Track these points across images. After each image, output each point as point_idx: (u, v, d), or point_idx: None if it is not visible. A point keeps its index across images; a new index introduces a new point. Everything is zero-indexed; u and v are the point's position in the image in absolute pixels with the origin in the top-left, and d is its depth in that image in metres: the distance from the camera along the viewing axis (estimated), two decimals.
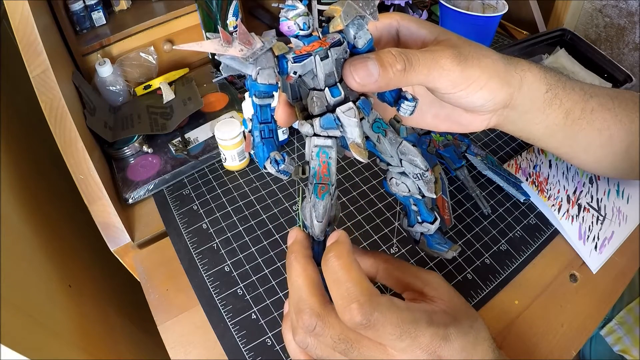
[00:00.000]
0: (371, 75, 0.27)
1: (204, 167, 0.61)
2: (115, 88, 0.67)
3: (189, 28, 0.75)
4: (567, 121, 0.37)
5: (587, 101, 0.38)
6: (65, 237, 0.64)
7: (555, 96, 0.36)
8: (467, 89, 0.31)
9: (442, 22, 0.73)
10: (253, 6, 0.89)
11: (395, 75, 0.28)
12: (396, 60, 0.28)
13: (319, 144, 0.29)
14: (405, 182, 0.31)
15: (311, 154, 0.29)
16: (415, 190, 0.31)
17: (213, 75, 0.75)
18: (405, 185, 0.31)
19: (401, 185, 0.31)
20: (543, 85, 0.36)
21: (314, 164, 0.29)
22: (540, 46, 0.78)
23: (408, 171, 0.31)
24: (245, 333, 0.44)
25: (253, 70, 0.28)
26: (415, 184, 0.31)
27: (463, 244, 0.51)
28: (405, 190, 0.32)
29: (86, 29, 0.69)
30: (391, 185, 0.32)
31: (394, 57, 0.28)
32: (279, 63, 0.28)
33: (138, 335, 0.73)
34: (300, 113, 0.30)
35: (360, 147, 0.28)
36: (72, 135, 0.51)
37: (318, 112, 0.29)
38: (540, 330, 0.45)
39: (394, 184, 0.32)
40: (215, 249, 0.51)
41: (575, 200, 0.54)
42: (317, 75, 0.28)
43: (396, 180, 0.32)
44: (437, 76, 0.30)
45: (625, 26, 0.83)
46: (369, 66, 0.27)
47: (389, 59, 0.28)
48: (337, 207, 0.32)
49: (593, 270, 0.49)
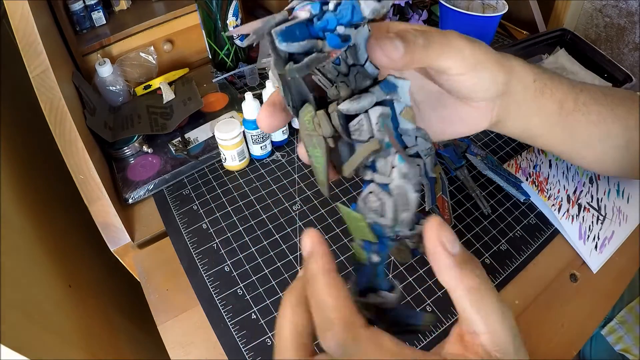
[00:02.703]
0: (397, 49, 0.27)
1: (204, 167, 0.61)
2: (115, 88, 0.67)
3: (189, 28, 0.75)
4: (562, 112, 0.38)
5: (577, 93, 0.39)
6: (65, 237, 0.64)
7: (544, 85, 0.37)
8: (474, 69, 0.31)
9: (442, 22, 0.73)
10: (253, 6, 0.89)
11: (418, 50, 0.28)
12: (417, 36, 0.28)
13: (381, 113, 0.26)
14: (383, 198, 0.25)
15: (377, 127, 0.26)
16: (390, 215, 0.25)
17: (213, 75, 0.75)
18: (382, 203, 0.25)
19: (377, 203, 0.26)
20: (530, 74, 0.36)
21: (382, 136, 0.26)
22: (540, 46, 0.78)
23: (421, 148, 0.27)
24: (245, 333, 0.44)
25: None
26: (392, 206, 0.25)
27: (463, 243, 0.51)
28: (377, 212, 0.25)
29: (86, 29, 0.69)
30: (366, 202, 0.26)
31: (414, 33, 0.28)
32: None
33: (138, 335, 0.73)
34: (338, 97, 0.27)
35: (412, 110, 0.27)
36: (72, 135, 0.51)
37: (366, 85, 0.27)
38: (540, 330, 0.45)
39: (371, 200, 0.26)
40: (215, 249, 0.51)
41: (575, 200, 0.54)
42: (360, 46, 0.27)
43: (374, 197, 0.26)
44: (451, 54, 0.30)
45: (625, 26, 0.83)
46: (395, 41, 0.27)
47: (410, 35, 0.28)
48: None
49: (593, 270, 0.49)
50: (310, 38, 0.24)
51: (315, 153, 0.28)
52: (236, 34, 0.27)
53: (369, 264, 0.27)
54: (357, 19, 0.24)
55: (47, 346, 0.44)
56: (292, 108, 0.28)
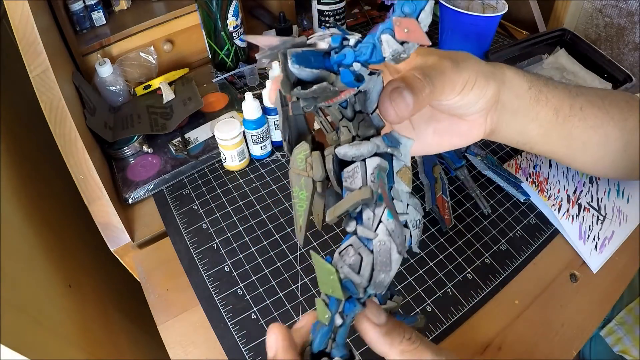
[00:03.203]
0: (408, 107, 0.27)
1: (204, 167, 0.61)
2: (115, 88, 0.67)
3: (189, 28, 0.75)
4: (558, 118, 0.37)
5: (574, 98, 0.39)
6: (65, 237, 0.64)
7: (539, 92, 0.37)
8: (462, 91, 0.31)
9: (442, 22, 0.73)
10: (253, 6, 0.89)
11: (425, 100, 0.28)
12: (424, 85, 0.28)
13: (378, 164, 0.25)
14: (362, 254, 0.24)
15: (371, 177, 0.25)
16: (366, 273, 0.23)
17: (213, 75, 0.75)
18: (360, 259, 0.24)
19: (354, 258, 0.24)
20: (524, 82, 0.36)
21: (376, 187, 0.24)
22: (540, 46, 0.78)
23: (411, 218, 0.26)
24: (245, 333, 0.44)
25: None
26: (368, 265, 0.23)
27: (463, 243, 0.51)
28: (353, 267, 0.23)
29: (86, 29, 0.69)
30: (343, 256, 0.24)
31: (422, 82, 0.28)
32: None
33: (138, 335, 0.73)
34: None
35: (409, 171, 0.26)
36: (72, 135, 0.51)
37: (369, 134, 0.26)
38: (540, 330, 0.45)
39: (349, 253, 0.24)
40: (215, 249, 0.51)
41: (575, 200, 0.54)
42: (372, 95, 0.26)
43: (353, 251, 0.24)
44: (448, 89, 0.30)
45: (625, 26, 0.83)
46: (406, 97, 0.27)
47: (418, 84, 0.28)
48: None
49: (593, 270, 0.49)
50: (324, 68, 0.24)
51: (300, 195, 0.27)
52: (248, 41, 0.27)
53: (329, 325, 0.24)
54: (375, 59, 0.23)
55: (47, 346, 0.44)
56: (288, 144, 0.27)
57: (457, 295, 0.47)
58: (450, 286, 0.47)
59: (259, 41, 0.25)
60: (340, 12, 0.81)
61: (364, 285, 0.23)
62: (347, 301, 0.24)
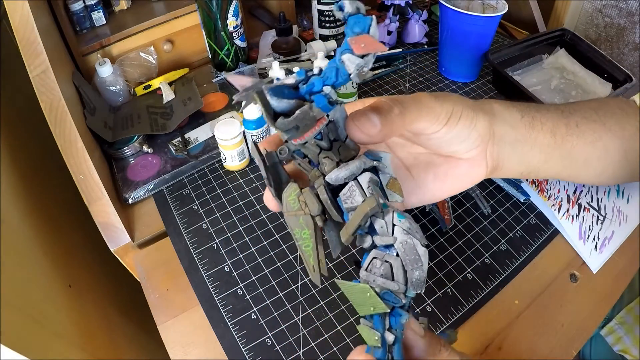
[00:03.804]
0: (375, 126, 0.28)
1: (204, 167, 0.61)
2: (115, 88, 0.67)
3: (189, 28, 0.75)
4: (556, 140, 0.37)
5: (568, 117, 0.39)
6: (65, 237, 0.64)
7: (533, 119, 0.37)
8: (449, 122, 0.31)
9: (442, 22, 0.73)
10: (253, 6, 0.89)
11: (395, 120, 0.29)
12: (392, 106, 0.29)
13: (370, 177, 0.26)
14: (390, 260, 0.24)
15: (369, 190, 0.25)
16: (401, 275, 0.23)
17: (213, 75, 0.75)
18: (389, 265, 0.23)
19: (384, 267, 0.24)
20: (515, 112, 0.36)
21: (377, 197, 0.25)
22: (540, 46, 0.78)
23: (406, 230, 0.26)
24: (245, 333, 0.44)
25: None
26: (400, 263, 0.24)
27: (463, 243, 0.51)
28: (386, 276, 0.23)
29: (86, 29, 0.69)
30: (371, 270, 0.24)
31: (390, 104, 0.29)
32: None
33: (138, 335, 0.73)
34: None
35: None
36: (72, 135, 0.51)
37: (351, 156, 0.27)
38: (540, 330, 0.45)
39: (376, 265, 0.24)
40: (215, 249, 0.51)
41: (575, 200, 0.54)
42: (339, 123, 0.27)
43: (379, 262, 0.24)
44: (424, 114, 0.31)
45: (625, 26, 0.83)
46: (371, 118, 0.28)
47: (386, 106, 0.29)
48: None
49: (593, 270, 0.49)
50: (298, 99, 0.25)
51: (303, 235, 0.27)
52: (231, 81, 0.28)
53: (383, 346, 0.23)
54: (341, 79, 0.24)
55: (47, 346, 0.44)
56: (274, 190, 0.28)
57: (457, 295, 0.47)
58: (450, 286, 0.47)
59: (234, 80, 0.27)
60: None
61: (403, 289, 0.23)
62: (391, 314, 0.24)
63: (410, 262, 0.23)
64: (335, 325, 0.44)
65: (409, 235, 0.24)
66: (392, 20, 0.82)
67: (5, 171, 0.51)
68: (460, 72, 0.76)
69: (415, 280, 0.23)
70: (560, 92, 0.72)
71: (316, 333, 0.44)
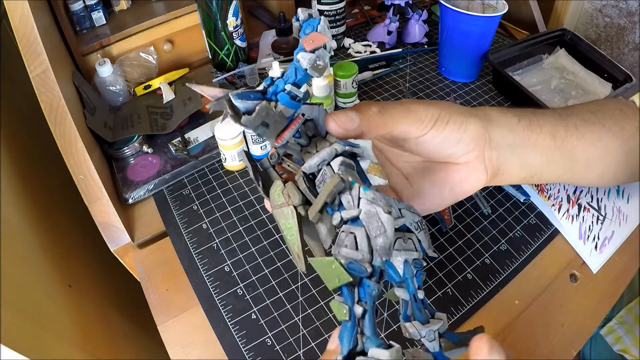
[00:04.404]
0: (352, 120, 0.29)
1: (204, 167, 0.61)
2: (115, 88, 0.67)
3: (189, 28, 0.75)
4: (556, 142, 0.37)
5: (566, 120, 0.39)
6: (65, 237, 0.64)
7: (530, 122, 0.37)
8: (435, 125, 0.32)
9: (442, 22, 0.73)
10: (253, 6, 0.89)
11: (374, 117, 0.30)
12: (371, 105, 0.30)
13: (342, 161, 0.27)
14: (355, 231, 0.24)
15: (338, 170, 0.26)
16: (364, 244, 0.23)
17: (213, 75, 0.75)
18: (352, 237, 0.24)
19: (348, 239, 0.24)
20: (512, 117, 0.36)
21: (346, 176, 0.26)
22: (540, 46, 0.78)
23: (409, 221, 0.27)
24: (245, 333, 0.44)
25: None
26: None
27: (463, 243, 0.51)
28: (352, 247, 0.23)
29: (86, 29, 0.69)
30: (338, 244, 0.24)
31: (368, 103, 0.31)
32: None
33: (138, 335, 0.73)
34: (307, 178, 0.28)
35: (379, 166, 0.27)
36: (72, 135, 0.51)
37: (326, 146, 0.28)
38: (540, 330, 0.45)
39: (342, 238, 0.24)
40: (215, 249, 0.51)
41: (575, 200, 0.54)
42: (319, 121, 0.30)
43: (344, 234, 0.24)
44: (406, 117, 0.31)
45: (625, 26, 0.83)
46: (349, 113, 0.29)
47: (364, 105, 0.30)
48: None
49: (593, 270, 0.49)
50: (263, 99, 0.28)
51: (287, 225, 0.28)
52: (201, 92, 0.31)
53: (351, 319, 0.23)
54: (300, 75, 0.27)
55: (47, 346, 0.44)
56: (263, 189, 0.30)
57: (457, 295, 0.47)
58: (450, 286, 0.47)
59: (204, 92, 0.30)
60: (340, 12, 0.81)
61: (367, 258, 0.23)
62: (359, 286, 0.23)
63: (373, 229, 0.23)
64: (335, 325, 0.44)
65: (372, 205, 0.24)
66: (392, 20, 0.82)
67: (5, 171, 0.51)
68: (460, 72, 0.76)
69: (380, 247, 0.23)
70: (560, 92, 0.72)
71: (316, 333, 0.44)
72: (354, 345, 0.23)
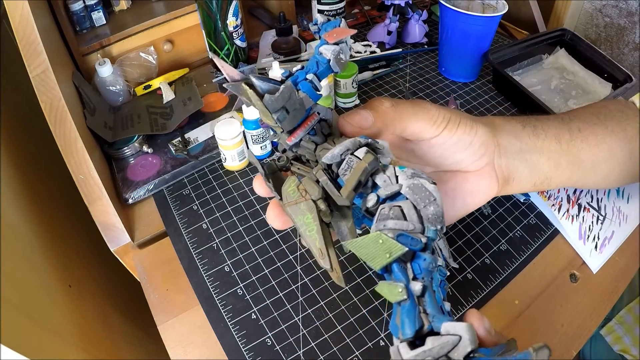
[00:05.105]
0: (367, 119, 0.29)
1: (204, 167, 0.61)
2: (115, 88, 0.67)
3: (189, 28, 0.75)
4: (562, 145, 0.38)
5: (569, 124, 0.39)
6: (65, 237, 0.64)
7: (535, 127, 0.37)
8: (448, 126, 0.32)
9: (442, 22, 0.73)
10: (253, 6, 0.89)
11: (387, 111, 0.30)
12: (382, 100, 0.30)
13: (367, 151, 0.26)
14: (400, 203, 0.22)
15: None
16: (414, 213, 0.21)
17: (213, 75, 0.75)
18: (398, 209, 0.22)
19: (393, 211, 0.22)
20: (516, 123, 0.37)
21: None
22: (540, 46, 0.78)
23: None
24: (245, 333, 0.44)
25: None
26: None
27: (463, 243, 0.51)
28: (400, 218, 0.22)
29: (86, 29, 0.69)
30: (381, 218, 0.23)
31: (380, 99, 0.30)
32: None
33: (138, 335, 0.73)
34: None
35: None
36: (72, 135, 0.51)
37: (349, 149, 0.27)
38: (540, 330, 0.45)
39: (385, 212, 0.23)
40: (215, 249, 0.51)
41: (575, 200, 0.54)
42: (332, 122, 0.30)
43: (388, 208, 0.23)
44: (420, 114, 0.31)
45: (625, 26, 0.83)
46: (362, 112, 0.29)
47: (376, 102, 0.30)
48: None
49: (593, 270, 0.49)
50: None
51: (305, 220, 0.25)
52: (220, 66, 0.31)
53: (410, 298, 0.20)
54: (322, 67, 0.27)
55: (47, 346, 0.44)
56: (275, 191, 0.29)
57: (458, 295, 0.47)
58: (451, 286, 0.47)
59: (224, 68, 0.30)
60: (340, 12, 0.81)
61: (419, 228, 0.21)
62: (413, 261, 0.21)
63: (422, 199, 0.22)
64: (335, 325, 0.44)
65: (414, 178, 0.22)
66: (392, 20, 0.82)
67: (5, 171, 0.51)
68: (460, 72, 0.76)
69: (432, 215, 0.21)
70: (560, 92, 0.72)
71: (316, 333, 0.44)
72: (420, 326, 0.19)
